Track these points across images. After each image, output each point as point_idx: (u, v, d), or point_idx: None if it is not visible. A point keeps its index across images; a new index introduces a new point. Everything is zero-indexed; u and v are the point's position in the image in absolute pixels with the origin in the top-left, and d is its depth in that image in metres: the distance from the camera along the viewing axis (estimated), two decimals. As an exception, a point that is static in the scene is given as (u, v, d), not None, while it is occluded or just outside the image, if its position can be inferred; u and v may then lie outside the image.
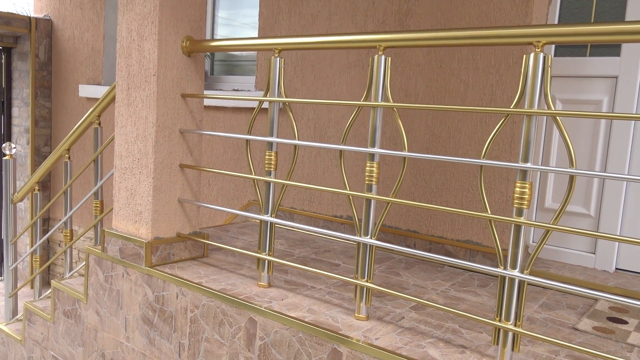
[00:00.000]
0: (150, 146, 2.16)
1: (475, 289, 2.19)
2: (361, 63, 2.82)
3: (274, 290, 2.00)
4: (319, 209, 3.01)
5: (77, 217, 4.46)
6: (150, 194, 2.18)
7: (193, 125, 2.29)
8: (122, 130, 2.28)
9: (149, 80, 2.15)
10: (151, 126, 2.16)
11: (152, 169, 2.17)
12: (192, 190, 2.34)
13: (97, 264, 2.37)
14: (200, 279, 2.08)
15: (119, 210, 2.31)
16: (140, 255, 2.19)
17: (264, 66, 3.22)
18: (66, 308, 2.56)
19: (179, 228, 2.29)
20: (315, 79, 2.99)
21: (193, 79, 2.27)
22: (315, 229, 1.80)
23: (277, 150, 2.00)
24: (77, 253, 4.51)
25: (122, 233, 2.28)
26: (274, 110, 1.97)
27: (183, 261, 2.30)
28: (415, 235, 2.65)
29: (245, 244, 2.69)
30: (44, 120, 4.59)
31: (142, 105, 2.18)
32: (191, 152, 2.31)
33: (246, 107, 3.29)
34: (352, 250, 2.69)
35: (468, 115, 2.47)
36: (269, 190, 2.00)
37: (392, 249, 1.66)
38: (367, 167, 1.72)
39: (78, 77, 4.37)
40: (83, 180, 4.41)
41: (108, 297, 2.33)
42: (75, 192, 4.47)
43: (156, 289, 2.13)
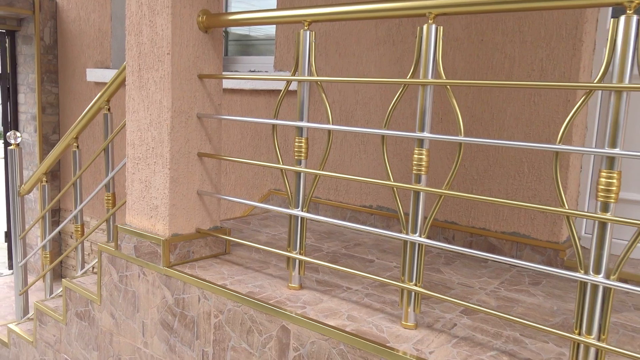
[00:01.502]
0: (166, 133, 1.95)
1: (527, 288, 1.97)
2: (391, 39, 2.57)
3: (306, 293, 1.80)
4: (346, 198, 2.80)
5: (88, 207, 4.29)
6: (167, 186, 1.97)
7: (212, 109, 2.08)
8: (133, 116, 2.07)
9: (163, 59, 1.93)
10: (166, 111, 1.94)
11: (168, 158, 1.96)
12: (212, 182, 2.13)
13: (111, 262, 2.18)
14: (224, 280, 1.88)
15: (132, 204, 2.11)
16: (157, 254, 1.99)
17: (283, 44, 2.99)
18: (79, 309, 2.38)
19: (198, 223, 2.09)
20: (341, 57, 2.75)
21: (210, 58, 2.05)
22: (360, 226, 1.58)
23: (307, 137, 1.78)
24: (90, 245, 4.34)
25: (136, 229, 2.08)
26: (304, 91, 1.75)
27: (204, 259, 2.10)
28: (454, 226, 2.43)
29: (270, 238, 2.49)
30: (52, 107, 4.39)
31: (156, 88, 1.96)
32: (210, 139, 2.09)
33: (265, 89, 3.06)
34: (384, 243, 2.48)
35: (514, 94, 2.22)
36: (299, 182, 1.79)
37: (450, 249, 1.45)
38: (415, 155, 1.50)
39: (85, 60, 4.16)
40: (93, 168, 4.22)
41: (123, 299, 2.14)
42: (86, 181, 4.29)
43: (176, 291, 1.93)
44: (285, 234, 2.57)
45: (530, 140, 2.20)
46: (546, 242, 2.19)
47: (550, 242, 2.18)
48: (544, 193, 2.19)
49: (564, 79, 2.10)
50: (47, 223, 2.82)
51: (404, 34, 2.51)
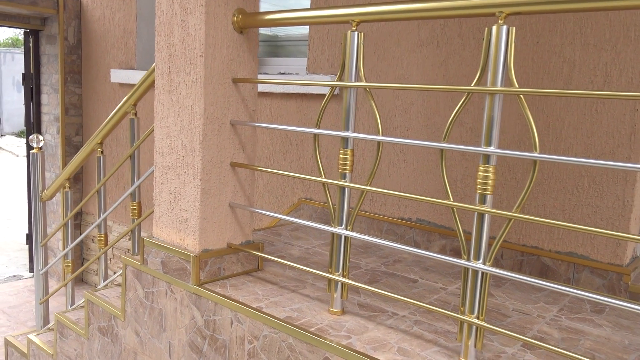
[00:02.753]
0: (197, 141, 1.81)
1: (590, 316, 1.79)
2: (435, 40, 2.40)
3: (349, 319, 1.64)
4: (382, 210, 2.63)
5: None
6: (198, 198, 1.83)
7: (246, 116, 1.93)
8: (163, 122, 1.93)
9: (195, 62, 1.79)
10: (198, 117, 1.80)
11: (199, 168, 1.82)
12: (245, 193, 1.98)
13: (136, 277, 2.05)
14: (259, 302, 1.73)
15: (160, 216, 1.98)
16: (186, 271, 1.85)
17: (317, 46, 2.83)
18: (102, 324, 2.25)
19: (229, 238, 1.95)
20: (379, 59, 2.59)
21: (245, 61, 1.90)
22: (422, 252, 1.42)
23: (353, 148, 1.62)
24: (111, 250, 4.24)
25: (164, 243, 1.94)
26: (351, 97, 1.59)
27: (235, 276, 1.96)
28: (503, 244, 2.25)
29: (303, 252, 2.33)
30: (75, 108, 4.30)
31: (187, 93, 1.82)
32: (244, 147, 1.95)
33: (297, 92, 2.91)
34: (426, 260, 2.31)
35: (573, 101, 2.04)
36: (343, 197, 1.63)
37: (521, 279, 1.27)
38: (480, 172, 1.33)
39: (109, 61, 4.06)
40: (117, 173, 4.12)
41: (149, 317, 2.01)
42: (108, 185, 4.19)
43: (206, 311, 1.79)
44: (319, 247, 2.42)
45: (592, 154, 2.01)
46: (607, 265, 2.00)
47: (612, 265, 1.99)
48: (606, 211, 2.00)
49: (632, 86, 1.91)
50: (69, 230, 2.70)
51: (450, 35, 2.34)
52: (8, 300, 4.10)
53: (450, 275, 2.14)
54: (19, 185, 9.14)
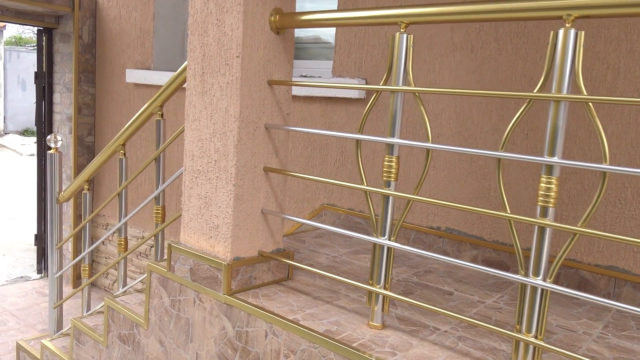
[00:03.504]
0: (232, 145, 1.74)
1: (637, 334, 1.72)
2: (469, 44, 2.34)
3: (391, 334, 1.57)
4: (409, 217, 2.56)
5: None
6: (231, 204, 1.76)
7: (280, 119, 1.86)
8: (194, 124, 1.86)
9: (231, 63, 1.72)
10: (233, 120, 1.73)
11: (233, 173, 1.75)
12: (277, 199, 1.91)
13: (162, 284, 1.97)
14: (295, 313, 1.66)
15: (189, 221, 1.91)
16: (217, 280, 1.78)
17: (344, 48, 2.76)
18: (122, 332, 2.18)
19: (261, 245, 1.88)
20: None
21: (281, 62, 1.83)
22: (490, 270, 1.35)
23: (399, 155, 1.55)
24: (122, 252, 4.16)
25: (193, 250, 1.87)
26: (398, 102, 1.52)
27: (266, 286, 1.89)
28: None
29: (331, 261, 2.26)
30: (88, 108, 4.24)
31: (222, 95, 1.76)
32: (277, 152, 1.88)
33: (321, 96, 2.84)
34: (458, 270, 2.24)
35: (617, 110, 1.97)
36: (387, 206, 1.56)
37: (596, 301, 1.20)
38: (542, 184, 1.26)
39: (125, 61, 3.99)
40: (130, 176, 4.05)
41: (175, 326, 1.93)
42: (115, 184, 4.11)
43: (238, 322, 1.72)
44: (346, 256, 2.34)
45: (636, 164, 1.94)
46: (652, 279, 1.93)
47: (656, 280, 1.92)
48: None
49: (681, 94, 1.85)
50: (87, 234, 2.63)
51: (485, 39, 2.28)
52: (16, 302, 4.02)
53: (485, 287, 2.06)
54: (23, 184, 9.07)
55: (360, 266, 2.22)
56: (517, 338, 1.31)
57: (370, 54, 2.65)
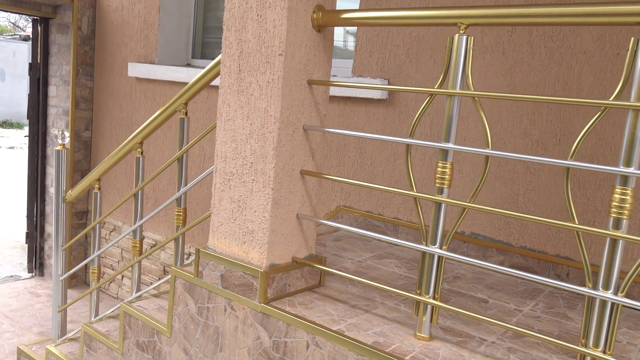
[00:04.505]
0: (270, 147, 1.66)
1: (681, 345, 1.70)
2: (501, 47, 2.29)
3: (440, 346, 1.51)
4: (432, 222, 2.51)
5: (120, 210, 3.98)
6: (268, 208, 1.68)
7: (317, 120, 1.79)
8: (227, 124, 1.78)
9: (272, 61, 1.64)
10: (273, 121, 1.65)
11: (271, 176, 1.67)
12: (312, 203, 1.84)
13: (188, 290, 1.89)
14: (337, 323, 1.60)
15: (219, 225, 1.82)
16: (252, 287, 1.70)
17: (365, 48, 2.70)
18: (141, 339, 2.08)
19: (295, 251, 1.81)
20: (435, 65, 2.47)
21: (321, 62, 1.76)
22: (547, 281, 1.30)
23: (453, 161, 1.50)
24: (121, 252, 4.04)
25: (224, 255, 1.79)
26: (454, 106, 1.47)
27: (299, 293, 1.82)
28: (568, 262, 2.15)
29: (356, 266, 2.20)
30: (85, 102, 4.09)
31: (260, 94, 1.68)
32: (313, 154, 1.81)
33: (340, 96, 2.77)
34: (485, 276, 2.20)
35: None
36: (439, 214, 1.51)
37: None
38: (616, 195, 1.22)
39: (126, 54, 3.86)
40: (129, 170, 3.92)
41: (202, 335, 1.85)
42: (119, 183, 3.99)
43: (276, 332, 1.64)
44: (370, 260, 2.29)
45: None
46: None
47: (692, 289, 1.91)
48: (687, 232, 1.92)
49: None
50: (96, 235, 2.52)
51: (518, 42, 2.24)
52: (9, 303, 3.87)
53: (518, 294, 2.03)
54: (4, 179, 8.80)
55: (388, 272, 2.16)
56: (584, 352, 1.27)
57: (393, 54, 2.59)
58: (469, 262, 1.43)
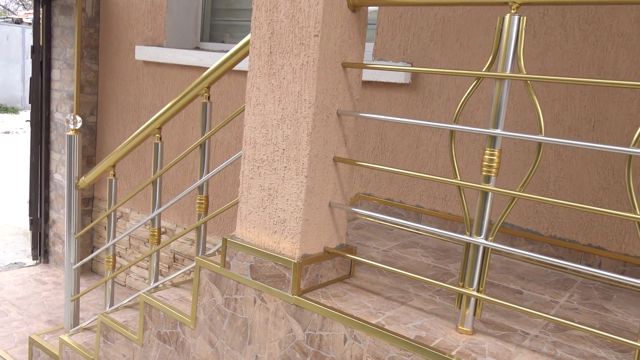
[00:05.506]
0: (304, 133, 1.59)
1: None
2: (532, 30, 2.22)
3: (484, 340, 1.46)
4: (457, 209, 2.46)
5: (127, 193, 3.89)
6: (301, 197, 1.61)
7: (350, 105, 1.72)
8: (257, 109, 1.70)
9: (307, 42, 1.56)
10: (307, 106, 1.58)
11: (305, 164, 1.60)
12: (343, 191, 1.78)
13: (214, 281, 1.82)
14: (374, 316, 1.54)
15: (248, 214, 1.75)
16: (284, 279, 1.64)
17: (387, 30, 2.61)
18: (162, 330, 2.02)
19: (326, 241, 1.74)
20: (462, 48, 2.40)
21: (355, 43, 1.68)
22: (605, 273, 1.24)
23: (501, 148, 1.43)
24: (129, 239, 3.96)
25: (253, 245, 1.72)
26: (504, 90, 1.40)
27: (331, 284, 1.76)
28: (600, 252, 2.10)
29: (383, 255, 2.14)
30: (90, 86, 3.98)
31: (293, 77, 1.60)
32: (346, 141, 1.74)
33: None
34: (516, 266, 2.15)
35: (695, 103, 1.89)
36: (485, 203, 1.45)
37: None
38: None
39: (133, 36, 3.75)
40: (136, 155, 3.83)
41: (229, 326, 1.79)
42: (126, 168, 3.90)
43: (310, 325, 1.59)
44: (396, 250, 2.23)
45: None
46: None
47: None
48: None
49: None
50: (112, 223, 2.44)
51: (550, 25, 2.16)
52: (15, 291, 3.80)
53: (550, 285, 1.98)
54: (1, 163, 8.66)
55: (416, 261, 2.11)
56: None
57: (417, 37, 2.51)
58: (520, 254, 1.37)
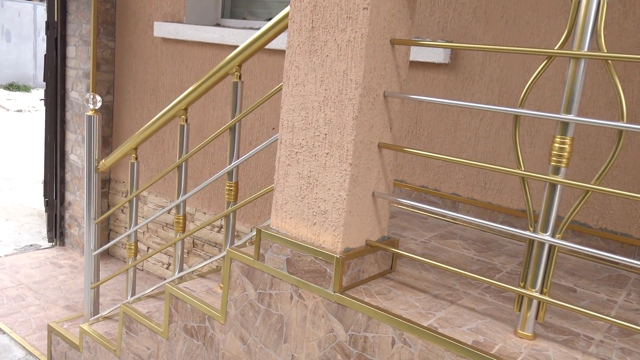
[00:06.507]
0: (350, 117, 1.45)
1: None
2: (576, 6, 2.04)
3: (547, 346, 1.33)
4: (497, 199, 2.31)
5: (145, 179, 3.79)
6: (345, 186, 1.48)
7: (397, 85, 1.57)
8: (296, 90, 1.56)
9: (355, 16, 1.41)
10: (353, 87, 1.44)
11: (349, 150, 1.46)
12: (387, 180, 1.64)
13: (246, 275, 1.71)
14: (424, 317, 1.42)
15: (284, 203, 1.63)
16: (324, 274, 1.52)
17: (425, 6, 2.44)
18: (190, 324, 1.92)
19: (368, 234, 1.62)
20: (507, 25, 2.23)
21: (404, 18, 1.53)
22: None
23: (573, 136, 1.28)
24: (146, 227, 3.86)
25: (290, 238, 1.60)
26: (580, 71, 1.25)
27: (373, 280, 1.64)
28: (657, 247, 1.96)
29: (422, 247, 2.01)
30: (107, 64, 3.85)
31: (339, 55, 1.45)
32: (391, 125, 1.60)
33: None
34: (564, 261, 2.01)
35: None
36: (553, 196, 1.31)
37: None
38: None
39: (151, 12, 3.60)
40: (154, 138, 3.71)
41: (262, 323, 1.68)
42: (144, 151, 3.78)
43: (353, 326, 1.47)
44: (434, 241, 2.10)
45: None
46: None
47: None
48: None
49: None
50: (133, 209, 2.33)
51: (609, 1, 1.98)
52: (31, 274, 3.73)
53: (603, 282, 1.85)
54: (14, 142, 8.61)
55: (458, 254, 1.98)
56: None
57: (458, 13, 2.34)
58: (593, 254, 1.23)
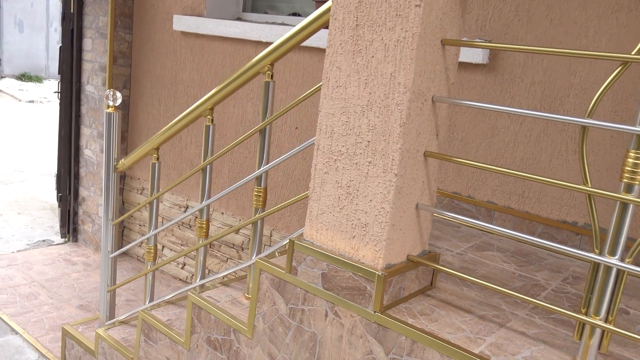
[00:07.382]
0: (396, 123, 1.34)
1: None
2: (626, 3, 1.92)
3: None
4: (535, 208, 2.19)
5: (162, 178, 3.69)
6: (389, 198, 1.37)
7: (446, 90, 1.46)
8: (337, 92, 1.45)
9: (405, 14, 1.30)
10: (402, 91, 1.32)
11: (395, 159, 1.35)
12: (431, 191, 1.53)
13: (277, 288, 1.60)
14: (474, 343, 1.31)
15: (320, 214, 1.52)
16: (364, 292, 1.41)
17: (462, 3, 2.32)
18: (213, 336, 1.82)
19: (409, 248, 1.51)
20: (552, 25, 2.10)
21: (456, 16, 1.41)
22: None
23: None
24: (162, 220, 3.78)
25: (326, 251, 1.49)
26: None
27: (414, 297, 1.53)
28: None
29: (460, 261, 1.90)
30: (124, 57, 3.76)
31: (386, 56, 1.34)
32: (438, 132, 1.48)
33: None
34: (610, 278, 1.89)
35: None
36: (624, 217, 1.19)
37: None
38: None
39: (170, 5, 3.50)
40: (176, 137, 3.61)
41: (293, 340, 1.58)
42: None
43: (395, 349, 1.36)
44: (471, 253, 1.98)
45: None
46: None
47: None
48: None
49: None
50: (154, 211, 2.24)
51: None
52: (44, 272, 3.65)
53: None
54: (26, 134, 8.56)
55: (498, 268, 1.86)
56: None
57: (498, 11, 2.22)
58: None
